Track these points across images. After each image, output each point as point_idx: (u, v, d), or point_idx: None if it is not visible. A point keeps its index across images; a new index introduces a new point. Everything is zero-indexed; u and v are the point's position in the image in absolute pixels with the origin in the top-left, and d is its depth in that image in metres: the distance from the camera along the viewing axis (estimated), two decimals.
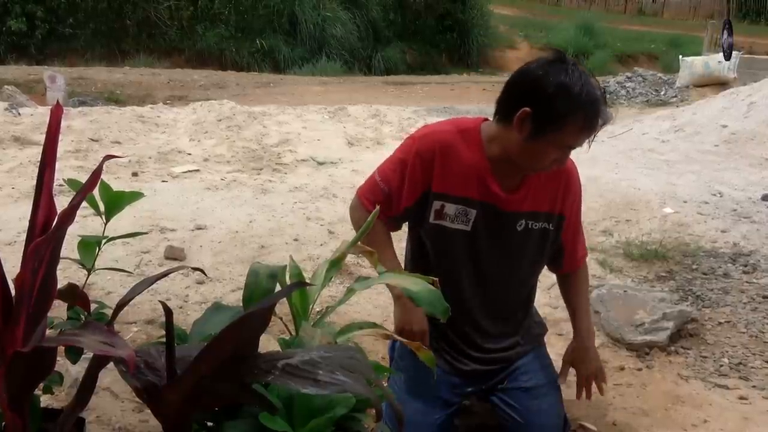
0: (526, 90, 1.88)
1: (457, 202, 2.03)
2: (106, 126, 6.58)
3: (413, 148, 2.04)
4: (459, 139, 2.02)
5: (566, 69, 1.85)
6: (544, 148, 1.91)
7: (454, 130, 2.05)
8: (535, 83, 1.85)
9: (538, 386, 2.21)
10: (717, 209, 4.73)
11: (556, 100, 1.81)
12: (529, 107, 1.85)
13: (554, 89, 1.82)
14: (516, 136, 1.90)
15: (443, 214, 2.05)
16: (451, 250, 2.09)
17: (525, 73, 1.91)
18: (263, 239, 3.97)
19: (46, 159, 1.37)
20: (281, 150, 6.31)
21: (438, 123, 2.16)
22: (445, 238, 2.07)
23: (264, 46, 15.98)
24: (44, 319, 1.31)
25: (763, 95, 7.34)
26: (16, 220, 3.97)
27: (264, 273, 1.69)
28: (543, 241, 2.14)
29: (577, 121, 1.85)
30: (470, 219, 2.04)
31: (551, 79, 1.83)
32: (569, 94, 1.82)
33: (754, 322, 3.24)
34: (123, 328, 2.90)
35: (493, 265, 2.11)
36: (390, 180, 2.06)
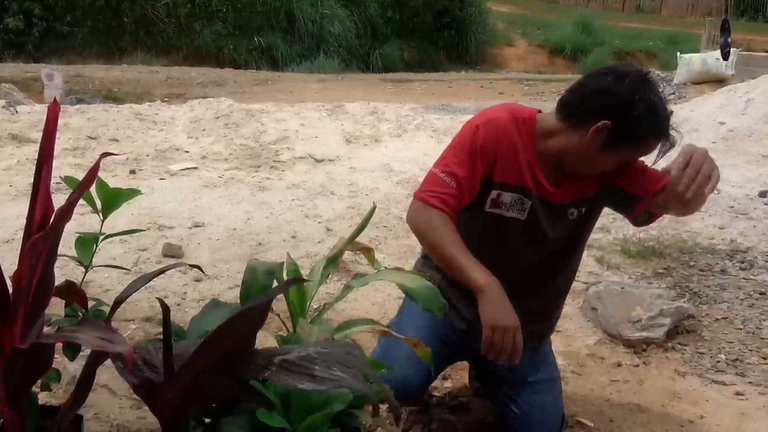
0: (611, 104, 1.86)
1: (514, 191, 2.00)
2: (103, 124, 6.57)
3: (478, 135, 1.96)
4: (515, 129, 1.99)
5: (653, 89, 1.87)
6: (609, 160, 1.93)
7: (511, 118, 2.00)
8: (625, 101, 1.84)
9: (541, 381, 2.20)
10: (714, 206, 4.73)
11: (643, 123, 1.84)
12: (609, 121, 1.85)
13: (644, 112, 1.83)
14: (584, 142, 1.89)
15: (500, 202, 2.01)
16: (502, 236, 2.06)
17: (612, 87, 1.87)
18: (261, 236, 3.98)
19: (43, 156, 1.37)
20: (279, 147, 6.30)
21: (495, 109, 2.06)
22: (499, 226, 2.04)
23: (262, 44, 15.97)
24: (42, 316, 1.32)
25: (760, 92, 7.35)
26: (13, 217, 3.97)
27: (261, 270, 1.70)
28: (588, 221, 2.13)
29: (650, 142, 1.89)
30: (526, 208, 2.02)
31: (642, 98, 1.83)
32: (656, 119, 1.85)
33: (751, 318, 3.25)
34: (121, 326, 2.90)
35: (540, 250, 2.09)
36: (457, 173, 1.94)
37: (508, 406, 2.19)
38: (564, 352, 2.92)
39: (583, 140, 1.89)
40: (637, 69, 1.91)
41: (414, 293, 1.69)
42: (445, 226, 1.91)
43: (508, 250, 2.07)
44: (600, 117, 1.86)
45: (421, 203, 1.95)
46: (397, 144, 6.65)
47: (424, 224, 1.94)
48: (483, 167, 1.97)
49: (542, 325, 2.25)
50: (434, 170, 1.98)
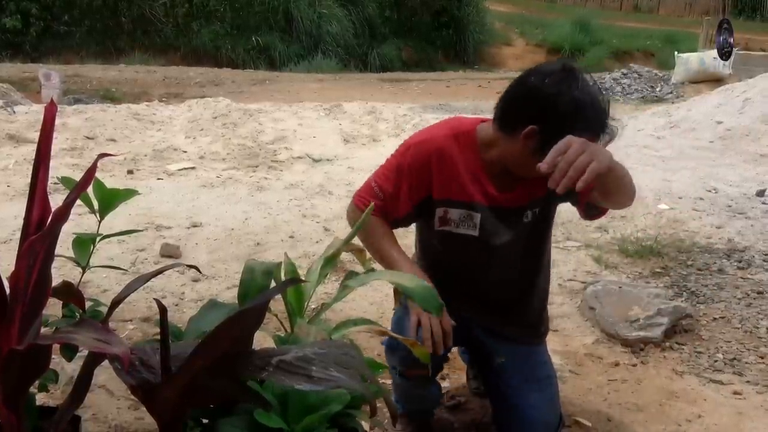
0: (535, 107, 1.81)
1: (460, 206, 2.01)
2: (101, 124, 6.57)
3: (408, 156, 2.01)
4: (454, 145, 1.98)
5: (577, 85, 1.79)
6: None
7: (449, 134, 2.00)
8: (545, 101, 1.79)
9: (537, 379, 2.19)
10: (712, 205, 4.74)
11: (567, 121, 1.75)
12: (537, 125, 1.79)
13: (565, 109, 1.76)
14: (519, 148, 1.85)
15: (448, 219, 2.03)
16: (460, 253, 2.07)
17: (534, 89, 1.83)
18: (259, 236, 3.98)
19: (40, 157, 1.37)
20: (277, 147, 6.31)
21: (433, 127, 2.10)
22: (453, 243, 2.06)
23: (260, 44, 15.97)
24: (39, 317, 1.31)
25: (757, 91, 7.36)
26: (11, 218, 3.97)
27: (259, 270, 1.70)
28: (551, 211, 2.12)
29: (588, 137, 1.76)
30: (476, 223, 2.02)
31: (563, 98, 1.77)
32: (580, 115, 1.77)
33: (749, 317, 3.25)
34: (119, 326, 2.90)
35: (505, 260, 2.08)
36: (385, 187, 2.03)
37: (504, 403, 2.20)
38: (562, 351, 2.93)
39: (517, 146, 1.85)
40: (559, 66, 1.84)
41: (412, 293, 1.69)
42: (376, 226, 2.02)
43: (473, 266, 2.08)
44: (527, 122, 1.81)
45: (354, 206, 2.10)
46: (395, 144, 6.59)
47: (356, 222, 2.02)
48: (411, 187, 2.00)
49: (528, 321, 2.23)
50: (371, 178, 2.08)
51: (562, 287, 3.52)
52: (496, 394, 2.26)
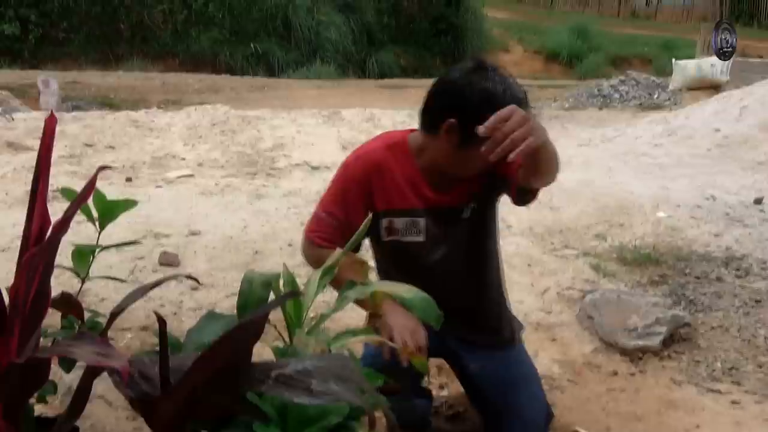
0: (449, 101, 1.87)
1: (403, 215, 2.04)
2: (100, 131, 6.57)
3: (348, 174, 2.05)
4: (389, 155, 2.03)
5: (487, 75, 1.84)
6: (473, 157, 1.84)
7: (382, 146, 2.06)
8: (458, 93, 1.85)
9: (514, 380, 2.20)
10: (710, 213, 4.75)
11: (481, 109, 1.75)
12: (454, 118, 1.84)
13: (478, 98, 1.81)
14: (444, 146, 1.89)
15: (393, 229, 2.06)
16: (412, 262, 2.09)
17: (447, 83, 1.91)
18: (258, 245, 3.97)
19: (40, 169, 1.38)
20: (275, 154, 6.31)
21: (367, 143, 2.15)
22: (402, 253, 2.09)
23: (258, 50, 15.99)
24: (38, 330, 1.32)
25: (755, 99, 7.38)
26: (9, 226, 3.97)
27: (258, 281, 1.70)
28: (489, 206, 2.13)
29: None
30: (421, 228, 2.05)
31: (474, 88, 1.83)
32: (493, 102, 1.76)
33: (747, 326, 3.25)
34: (117, 335, 2.90)
35: (455, 262, 2.10)
36: (334, 212, 2.04)
37: (489, 409, 2.23)
38: (560, 360, 2.93)
39: (440, 144, 1.90)
40: (470, 60, 1.91)
41: (411, 304, 1.69)
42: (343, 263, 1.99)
43: (424, 272, 2.05)
44: (445, 117, 1.86)
45: (308, 242, 2.10)
46: None
47: (314, 262, 2.05)
48: (358, 201, 2.02)
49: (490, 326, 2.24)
50: (317, 210, 2.10)
51: (560, 295, 3.52)
52: (479, 402, 2.28)
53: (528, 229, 4.27)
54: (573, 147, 7.02)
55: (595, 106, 11.46)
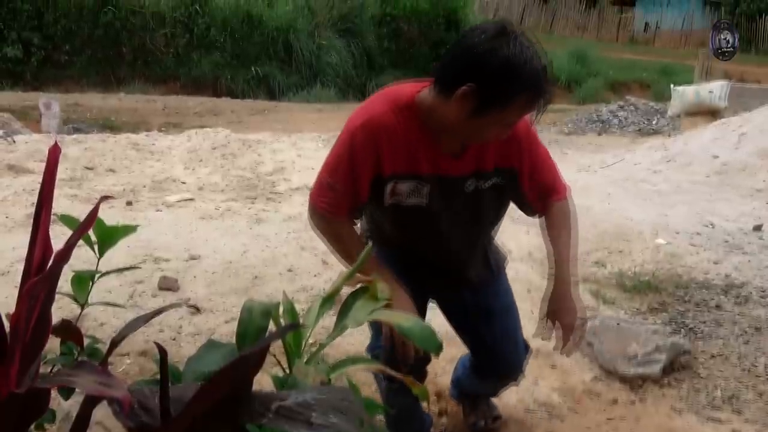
0: (468, 66, 1.77)
1: (409, 179, 1.99)
2: (100, 154, 6.60)
3: (354, 143, 1.96)
4: (396, 119, 1.94)
5: (511, 43, 1.75)
6: (486, 125, 1.84)
7: (389, 110, 1.95)
8: (479, 59, 1.75)
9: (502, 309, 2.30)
10: (709, 240, 4.76)
11: (501, 79, 1.73)
12: (472, 84, 1.76)
13: (499, 67, 1.73)
14: (456, 111, 1.82)
15: (397, 192, 2.01)
16: (410, 224, 2.09)
17: (467, 46, 1.79)
18: (257, 269, 3.97)
19: (42, 197, 1.38)
20: (276, 178, 6.33)
21: (371, 104, 2.02)
22: (402, 215, 2.06)
23: (259, 74, 16.07)
24: (38, 358, 1.32)
25: (753, 126, 7.42)
26: (9, 249, 3.96)
27: (257, 310, 1.70)
28: (498, 195, 2.12)
29: (521, 100, 1.78)
30: (424, 193, 2.02)
31: (496, 55, 1.73)
32: (514, 73, 1.73)
33: (747, 354, 3.25)
34: (116, 360, 2.89)
35: (452, 229, 2.11)
36: (340, 180, 1.99)
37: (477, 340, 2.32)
38: (560, 388, 2.92)
39: (454, 109, 1.82)
40: (495, 24, 1.82)
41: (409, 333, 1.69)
42: (343, 233, 2.05)
43: (423, 235, 2.11)
44: (462, 81, 1.77)
45: (315, 211, 2.05)
46: None
47: (323, 231, 2.07)
48: (365, 170, 1.96)
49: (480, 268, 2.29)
50: (323, 176, 2.03)
51: None
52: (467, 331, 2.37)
53: (527, 255, 4.27)
54: (572, 173, 7.04)
55: (594, 132, 11.51)
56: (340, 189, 1.99)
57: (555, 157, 2.38)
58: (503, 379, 2.45)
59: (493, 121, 1.82)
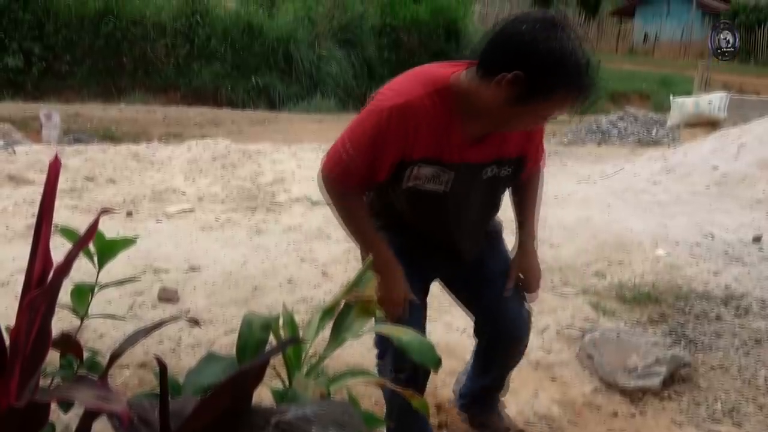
0: (516, 53, 1.76)
1: (432, 164, 1.98)
2: (101, 164, 6.61)
3: (383, 124, 1.92)
4: (430, 104, 1.91)
5: (560, 35, 1.75)
6: (524, 114, 1.85)
7: (424, 93, 1.92)
8: (527, 48, 1.74)
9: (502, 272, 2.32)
10: (709, 251, 4.76)
11: (548, 70, 1.73)
12: (518, 72, 1.75)
13: (547, 57, 1.73)
14: (498, 96, 1.80)
15: (418, 176, 2.01)
16: (423, 206, 2.10)
17: (516, 34, 1.77)
18: (257, 280, 3.97)
19: (43, 211, 1.39)
20: (276, 189, 6.34)
21: (407, 83, 1.98)
22: (419, 198, 2.06)
23: (259, 84, 16.12)
24: (38, 372, 1.32)
25: (753, 137, 7.43)
26: (9, 260, 3.97)
27: (257, 323, 1.70)
28: (512, 179, 2.17)
29: (565, 93, 1.80)
30: (444, 180, 2.02)
31: (545, 45, 1.73)
32: (564, 67, 1.74)
33: (747, 366, 3.24)
34: (115, 372, 2.88)
35: (464, 213, 2.14)
36: (360, 156, 1.97)
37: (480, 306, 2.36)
38: (560, 400, 2.92)
39: (495, 94, 1.80)
40: (547, 14, 1.81)
41: (408, 347, 1.69)
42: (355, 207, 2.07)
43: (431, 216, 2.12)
44: (508, 68, 1.76)
45: (330, 182, 2.05)
46: None
47: (335, 202, 2.08)
48: (389, 152, 1.95)
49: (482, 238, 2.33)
50: (343, 146, 2.00)
51: (560, 334, 3.51)
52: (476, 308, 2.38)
53: None
54: (572, 183, 7.05)
55: (593, 142, 11.53)
56: (357, 163, 1.97)
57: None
58: (510, 351, 2.44)
59: (532, 110, 1.84)
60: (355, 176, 2.01)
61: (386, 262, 2.06)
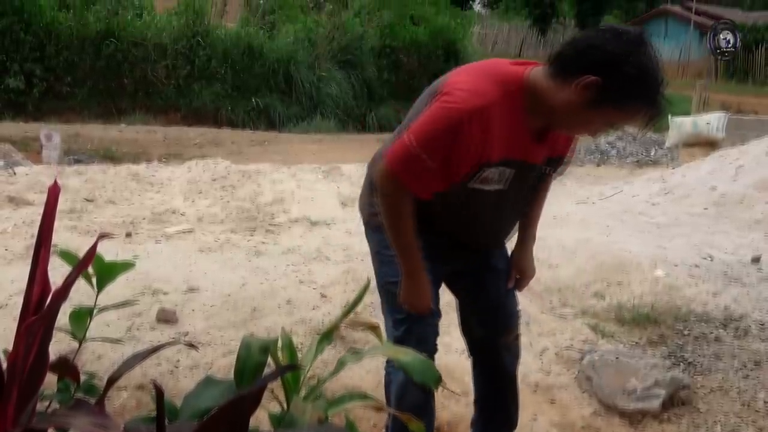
0: (602, 61, 1.82)
1: (499, 165, 2.01)
2: (101, 185, 6.62)
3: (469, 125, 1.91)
4: (503, 104, 1.93)
5: (647, 53, 1.83)
6: (592, 118, 1.91)
7: (502, 94, 1.93)
8: (615, 58, 1.80)
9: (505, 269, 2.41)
10: (708, 272, 4.75)
11: (631, 84, 1.80)
12: (599, 78, 1.81)
13: (634, 73, 1.80)
14: (572, 99, 1.86)
15: (485, 178, 2.02)
16: (479, 205, 2.11)
17: (606, 42, 1.84)
18: (256, 302, 3.97)
19: (42, 236, 1.39)
20: (275, 210, 6.34)
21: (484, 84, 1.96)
22: (477, 197, 2.07)
23: (259, 105, 16.19)
24: (36, 397, 1.32)
25: (750, 158, 7.45)
26: (8, 282, 3.96)
27: (256, 346, 1.70)
28: (547, 179, 2.25)
29: (639, 108, 1.87)
30: (506, 178, 2.04)
31: (632, 58, 1.80)
32: (645, 83, 1.82)
33: (746, 389, 3.23)
34: (113, 394, 2.87)
35: (508, 209, 2.20)
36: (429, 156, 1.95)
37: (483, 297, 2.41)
38: (559, 423, 2.91)
39: (570, 95, 1.86)
40: (635, 30, 1.88)
41: (408, 367, 1.69)
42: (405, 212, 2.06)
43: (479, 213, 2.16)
44: (589, 72, 1.82)
45: (395, 178, 2.03)
46: None
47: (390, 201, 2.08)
48: (460, 155, 1.96)
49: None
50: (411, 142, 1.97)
51: (559, 356, 3.51)
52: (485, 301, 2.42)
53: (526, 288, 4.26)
54: (571, 204, 7.06)
55: (592, 163, 11.57)
56: (428, 167, 1.97)
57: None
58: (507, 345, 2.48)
59: (602, 117, 1.91)
60: (422, 180, 2.01)
61: (417, 271, 2.13)
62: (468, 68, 2.09)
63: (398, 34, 18.90)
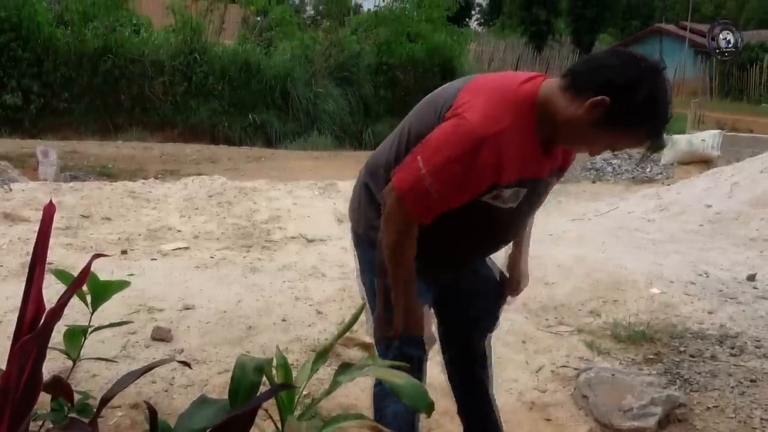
0: (615, 83, 1.82)
1: (512, 185, 2.00)
2: (97, 202, 6.61)
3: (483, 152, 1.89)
4: (516, 126, 1.91)
5: (660, 83, 1.83)
6: (596, 137, 1.91)
7: (515, 117, 1.91)
8: (628, 82, 1.81)
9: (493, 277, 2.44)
10: (703, 290, 4.76)
11: (639, 111, 1.81)
12: (608, 99, 1.81)
13: (644, 100, 1.80)
14: (579, 114, 1.86)
15: (498, 197, 2.00)
16: (487, 223, 2.10)
17: (622, 65, 1.84)
18: (251, 319, 3.96)
19: (36, 256, 1.40)
20: (271, 227, 6.34)
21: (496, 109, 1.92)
22: (488, 216, 2.06)
23: (256, 121, 16.22)
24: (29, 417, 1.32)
25: (745, 175, 7.48)
26: (3, 299, 3.95)
27: (250, 366, 1.70)
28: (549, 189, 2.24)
29: (642, 134, 1.89)
30: (520, 197, 2.04)
31: (645, 84, 1.81)
32: (653, 112, 1.82)
33: (743, 407, 3.23)
34: (107, 413, 2.86)
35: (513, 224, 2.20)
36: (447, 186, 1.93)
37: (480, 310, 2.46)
38: None
39: (578, 112, 1.85)
40: (653, 59, 1.89)
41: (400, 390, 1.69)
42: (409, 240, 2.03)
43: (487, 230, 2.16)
44: (600, 92, 1.82)
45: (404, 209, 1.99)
46: None
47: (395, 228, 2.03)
48: (480, 183, 1.95)
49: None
50: (422, 171, 1.92)
51: (555, 374, 3.50)
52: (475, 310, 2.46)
53: (522, 306, 4.26)
54: (567, 221, 7.08)
55: (588, 179, 11.60)
56: (440, 195, 1.94)
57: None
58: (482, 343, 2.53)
59: (606, 137, 1.91)
60: (431, 210, 1.98)
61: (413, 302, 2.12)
62: (480, 84, 2.02)
63: (395, 51, 18.99)
